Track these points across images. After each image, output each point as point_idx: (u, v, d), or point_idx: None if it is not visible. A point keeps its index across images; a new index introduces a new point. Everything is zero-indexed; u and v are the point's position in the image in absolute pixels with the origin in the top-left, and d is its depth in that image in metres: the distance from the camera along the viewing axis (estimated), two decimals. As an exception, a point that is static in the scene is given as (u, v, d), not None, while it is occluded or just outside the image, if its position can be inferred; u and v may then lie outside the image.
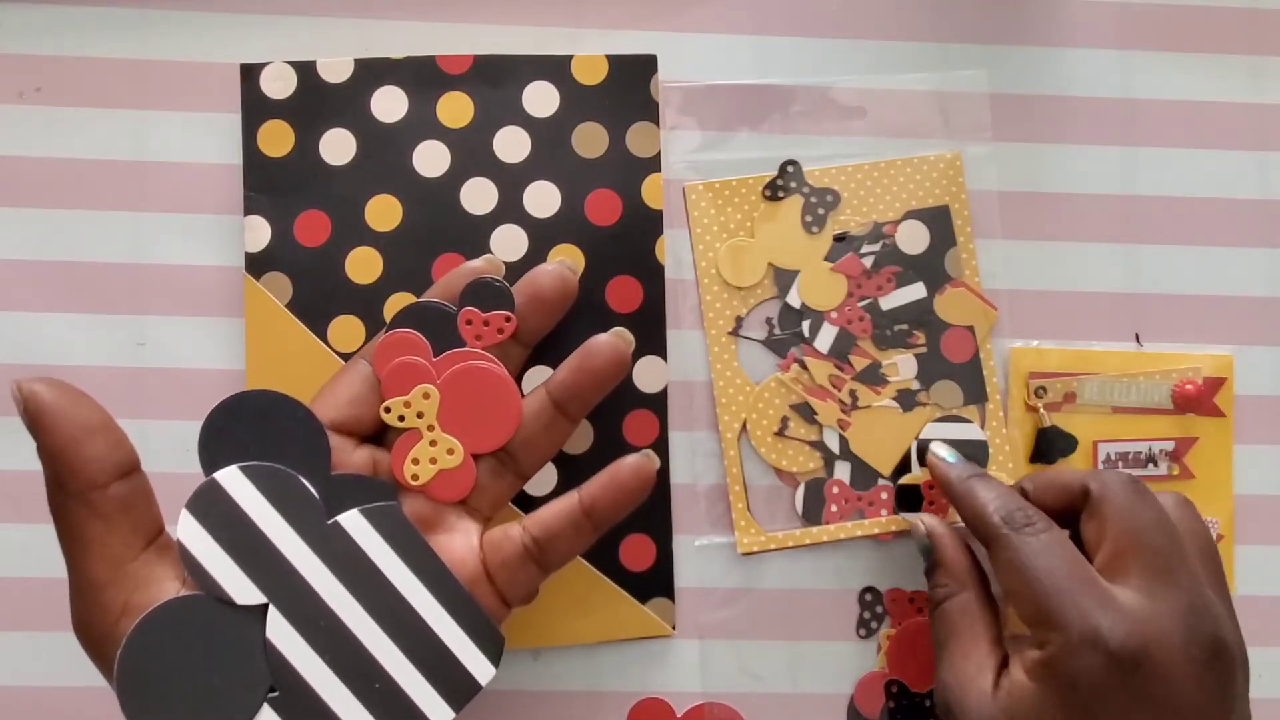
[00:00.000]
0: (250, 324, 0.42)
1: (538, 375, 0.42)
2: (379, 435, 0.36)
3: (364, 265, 0.42)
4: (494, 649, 0.33)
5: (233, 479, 0.31)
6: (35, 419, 0.29)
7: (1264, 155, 0.46)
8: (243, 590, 0.30)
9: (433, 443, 0.35)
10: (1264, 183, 0.46)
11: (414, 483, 0.35)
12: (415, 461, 0.35)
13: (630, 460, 0.35)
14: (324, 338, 0.42)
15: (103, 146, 0.44)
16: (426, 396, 0.35)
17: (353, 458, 0.35)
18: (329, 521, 0.32)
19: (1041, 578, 0.33)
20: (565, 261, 0.38)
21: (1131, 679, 0.31)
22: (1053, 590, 0.33)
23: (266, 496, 0.31)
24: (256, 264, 0.42)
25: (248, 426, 0.32)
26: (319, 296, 0.42)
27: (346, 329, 0.42)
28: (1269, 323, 0.45)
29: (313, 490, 0.32)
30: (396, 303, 0.42)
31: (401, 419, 0.35)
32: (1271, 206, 0.46)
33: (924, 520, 0.40)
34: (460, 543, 0.35)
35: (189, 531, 0.30)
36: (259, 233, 0.42)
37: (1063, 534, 0.35)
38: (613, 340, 0.36)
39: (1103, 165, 0.45)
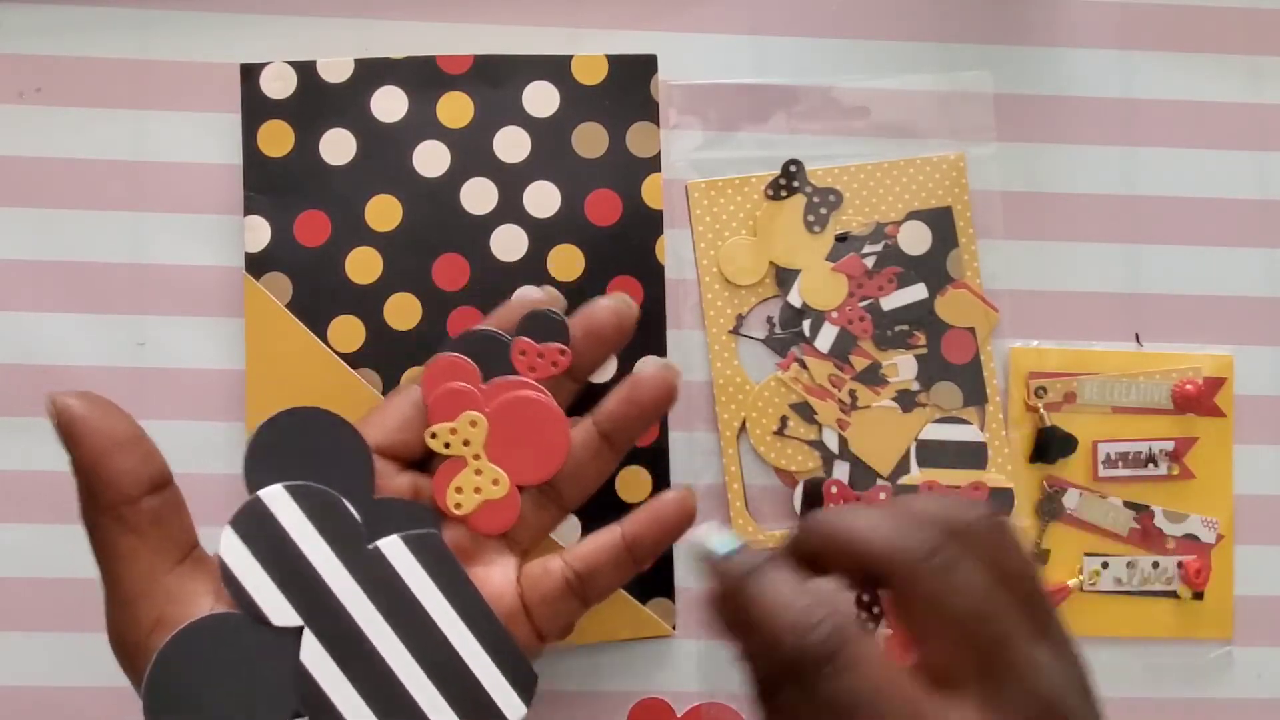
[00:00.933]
0: (250, 324, 0.42)
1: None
2: (424, 462, 0.36)
3: (364, 265, 0.42)
4: (527, 687, 0.33)
5: (277, 498, 0.31)
6: (67, 432, 0.29)
7: (1264, 155, 0.46)
8: (280, 611, 0.30)
9: (478, 472, 0.34)
10: (1264, 183, 0.46)
11: (456, 511, 0.34)
12: (459, 490, 0.34)
13: (672, 495, 0.35)
14: (324, 338, 0.42)
15: (103, 146, 0.44)
16: (474, 424, 0.34)
17: (395, 482, 0.34)
18: (369, 546, 0.32)
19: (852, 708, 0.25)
20: (623, 296, 0.37)
21: None
22: None
23: (309, 517, 0.31)
24: (256, 264, 0.42)
25: (294, 443, 0.32)
26: (319, 296, 0.42)
27: (346, 329, 0.42)
28: (1269, 323, 0.45)
29: (355, 514, 0.31)
30: (397, 303, 0.42)
31: (447, 446, 0.34)
32: (1271, 206, 0.46)
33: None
34: (498, 575, 0.34)
35: (231, 549, 0.30)
36: (259, 233, 0.42)
37: (871, 647, 0.26)
38: (661, 371, 0.35)
39: (1103, 165, 0.45)
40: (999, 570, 0.27)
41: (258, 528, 0.30)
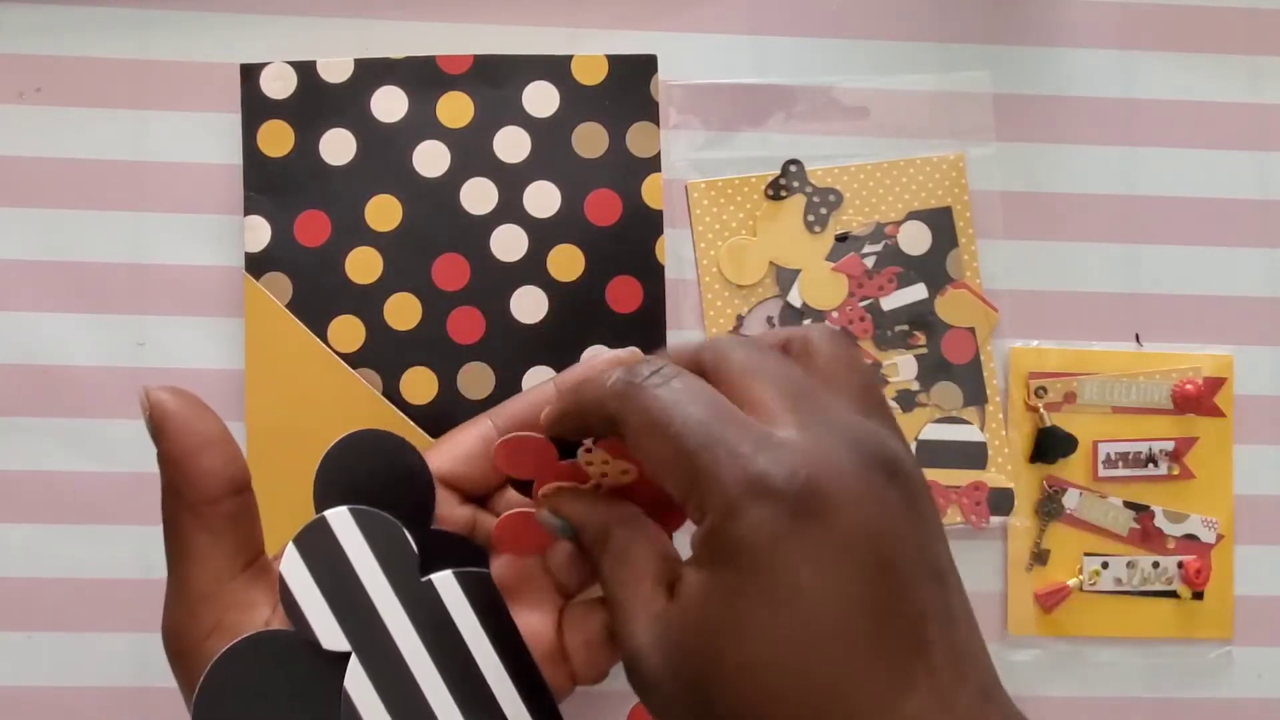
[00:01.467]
0: (250, 324, 0.42)
1: (539, 375, 0.42)
2: (482, 497, 0.35)
3: (364, 265, 0.42)
4: None
5: (341, 520, 0.31)
6: (159, 426, 0.29)
7: (1264, 155, 0.46)
8: (330, 635, 0.30)
9: (605, 461, 0.31)
10: (1264, 183, 0.46)
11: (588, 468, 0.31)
12: (590, 465, 0.31)
13: None
14: (324, 338, 0.42)
15: (103, 146, 0.44)
16: (625, 473, 0.32)
17: (455, 513, 0.34)
18: (423, 579, 0.32)
19: (681, 429, 0.26)
20: (631, 350, 0.36)
21: (811, 521, 0.25)
22: (698, 440, 0.26)
23: (369, 543, 0.31)
24: (256, 264, 0.42)
25: (363, 466, 0.32)
26: (319, 296, 0.42)
27: (346, 329, 0.42)
28: (1269, 323, 0.45)
29: (413, 544, 0.32)
30: (397, 303, 0.42)
31: (590, 464, 0.31)
32: (1271, 206, 0.46)
33: (545, 514, 0.32)
34: (540, 615, 0.34)
35: (291, 567, 0.30)
36: (259, 233, 0.42)
37: (698, 379, 0.28)
38: None
39: (1103, 165, 0.45)
40: (827, 367, 0.29)
41: (319, 548, 0.31)
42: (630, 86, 0.43)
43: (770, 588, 0.25)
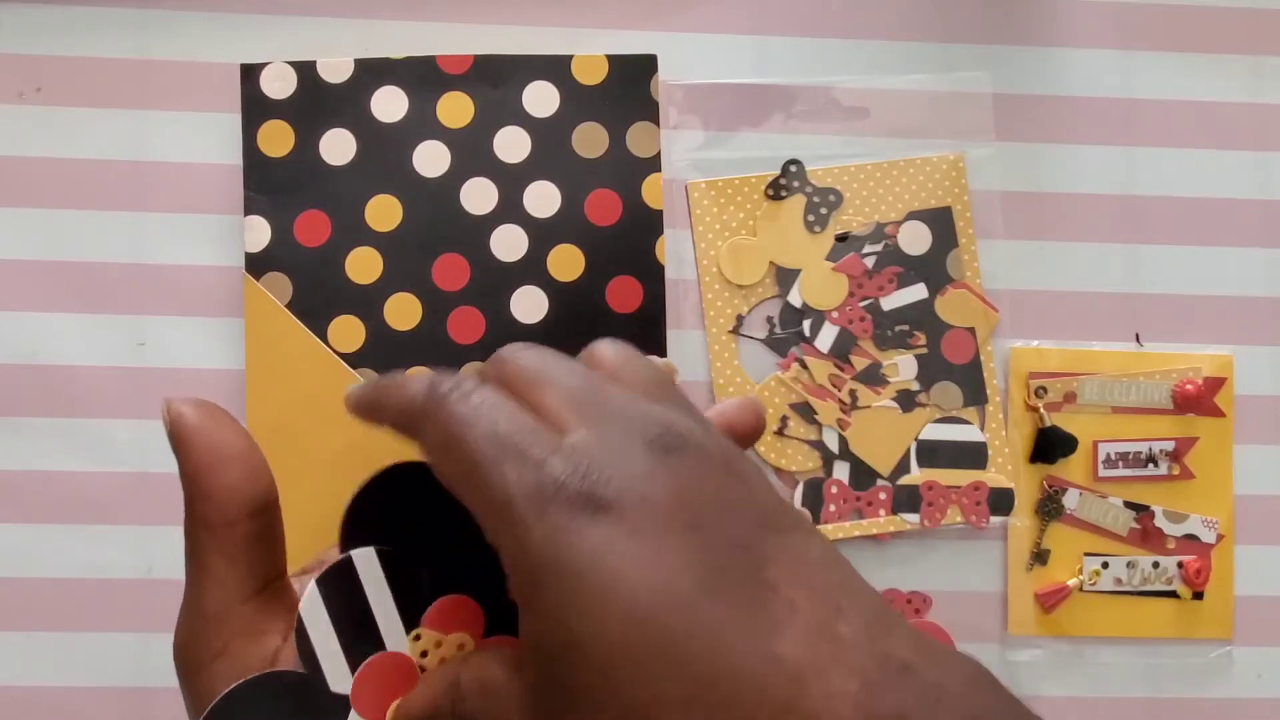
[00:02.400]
0: (250, 324, 0.42)
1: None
2: None
3: (364, 265, 0.42)
4: None
5: (366, 562, 0.31)
6: (178, 441, 0.29)
7: (1264, 155, 0.46)
8: (339, 679, 0.30)
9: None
10: (1264, 183, 0.46)
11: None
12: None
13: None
14: (324, 338, 0.42)
15: (103, 146, 0.44)
16: (462, 646, 0.30)
17: None
18: None
19: (474, 445, 0.25)
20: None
21: (601, 515, 0.24)
22: (490, 457, 0.25)
23: (393, 590, 0.31)
24: (256, 264, 0.42)
25: (400, 503, 0.31)
26: (319, 296, 0.42)
27: (346, 329, 0.42)
28: (1269, 323, 0.45)
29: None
30: (397, 303, 0.42)
31: (425, 654, 0.30)
32: (1271, 206, 0.46)
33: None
34: None
35: (311, 607, 0.30)
36: (259, 233, 0.42)
37: (498, 394, 0.27)
38: (747, 400, 0.31)
39: (1103, 165, 0.45)
40: (611, 365, 0.28)
41: (340, 588, 0.30)
42: (630, 86, 0.43)
43: (585, 597, 0.23)
